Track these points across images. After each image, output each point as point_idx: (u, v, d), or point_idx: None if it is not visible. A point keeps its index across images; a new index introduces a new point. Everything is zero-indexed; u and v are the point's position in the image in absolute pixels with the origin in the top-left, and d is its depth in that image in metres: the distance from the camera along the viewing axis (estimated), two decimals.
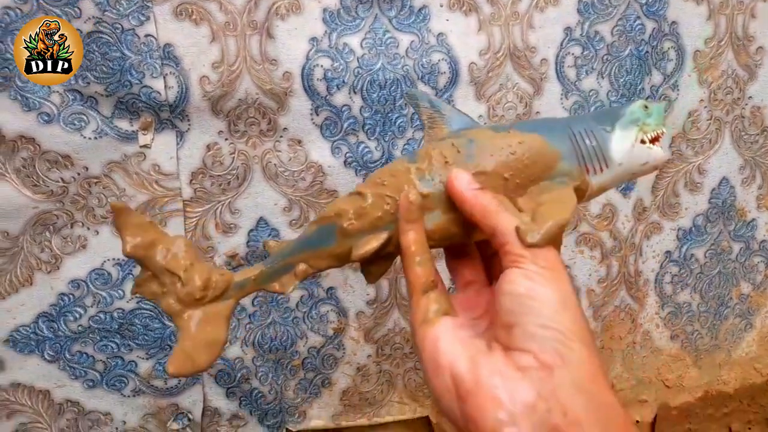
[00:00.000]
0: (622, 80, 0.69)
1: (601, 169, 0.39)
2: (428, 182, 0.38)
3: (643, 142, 0.39)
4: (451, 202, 0.37)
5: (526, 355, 0.30)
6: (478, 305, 0.38)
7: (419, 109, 0.42)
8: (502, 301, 0.32)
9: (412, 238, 0.37)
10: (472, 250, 0.41)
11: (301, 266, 0.40)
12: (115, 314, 0.64)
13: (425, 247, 0.37)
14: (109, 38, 0.56)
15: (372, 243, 0.38)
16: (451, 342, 0.33)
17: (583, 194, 0.39)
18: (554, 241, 0.33)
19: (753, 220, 0.81)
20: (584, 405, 0.29)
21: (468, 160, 0.37)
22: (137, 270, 0.39)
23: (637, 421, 0.82)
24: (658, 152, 0.40)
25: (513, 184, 0.37)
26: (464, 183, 0.36)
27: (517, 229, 0.33)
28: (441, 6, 0.62)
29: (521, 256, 0.33)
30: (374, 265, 0.40)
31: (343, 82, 0.62)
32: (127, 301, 0.63)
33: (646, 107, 0.40)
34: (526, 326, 0.31)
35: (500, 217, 0.34)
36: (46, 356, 0.64)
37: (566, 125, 0.39)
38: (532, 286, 0.32)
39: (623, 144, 0.39)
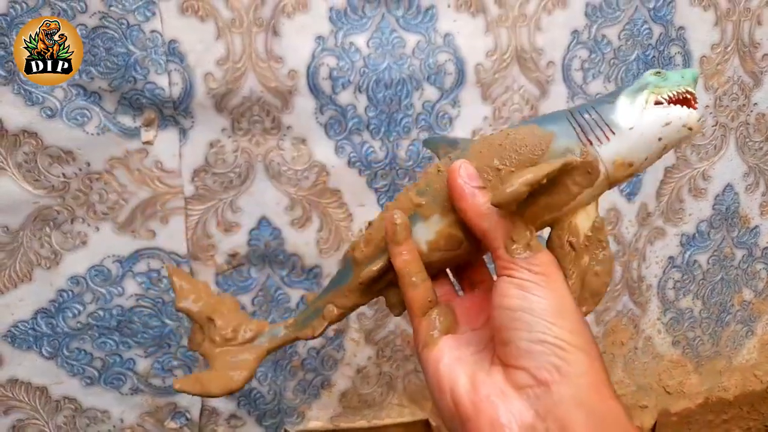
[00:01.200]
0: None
1: (607, 138, 0.35)
2: (423, 191, 0.37)
3: (658, 103, 0.35)
4: (447, 203, 0.36)
5: (522, 372, 0.30)
6: (483, 310, 0.37)
7: (439, 153, 0.41)
8: (496, 316, 0.32)
9: (403, 260, 0.36)
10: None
11: (329, 307, 0.40)
12: (114, 311, 0.63)
13: (419, 266, 0.36)
14: (114, 33, 0.55)
15: (377, 264, 0.38)
16: (451, 364, 0.33)
17: (595, 171, 0.35)
18: (516, 200, 0.31)
19: (756, 227, 0.81)
20: (584, 420, 0.28)
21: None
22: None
23: (637, 427, 0.82)
24: (681, 110, 0.35)
25: (507, 174, 0.35)
26: (465, 177, 0.34)
27: (506, 242, 0.32)
28: (448, 6, 0.62)
29: (512, 262, 0.32)
30: (392, 293, 0.40)
31: (349, 81, 0.61)
32: (126, 299, 0.63)
33: (659, 73, 0.36)
34: (519, 342, 0.30)
35: (491, 220, 0.33)
36: (44, 352, 0.63)
37: (565, 110, 0.37)
38: (524, 296, 0.31)
39: (630, 108, 0.35)
